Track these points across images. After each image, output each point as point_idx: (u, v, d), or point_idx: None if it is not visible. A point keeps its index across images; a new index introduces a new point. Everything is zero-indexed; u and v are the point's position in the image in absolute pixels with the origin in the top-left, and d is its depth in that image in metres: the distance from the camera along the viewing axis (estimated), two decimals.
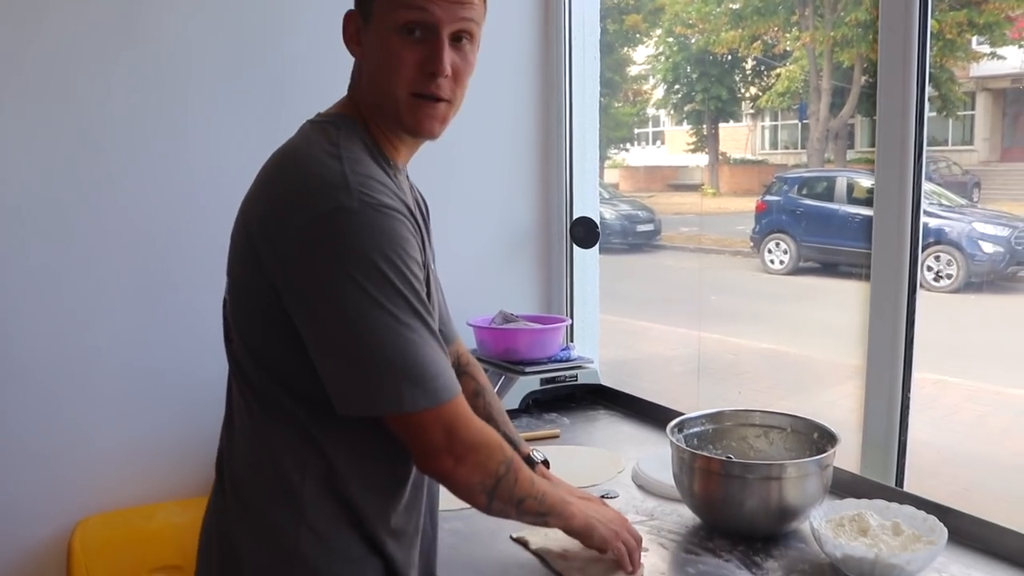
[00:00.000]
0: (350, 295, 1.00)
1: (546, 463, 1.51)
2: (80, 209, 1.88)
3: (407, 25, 1.09)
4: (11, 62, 1.80)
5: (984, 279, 4.11)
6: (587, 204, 2.44)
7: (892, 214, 1.66)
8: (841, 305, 4.47)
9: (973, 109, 5.29)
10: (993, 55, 5.12)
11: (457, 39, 1.12)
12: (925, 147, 1.66)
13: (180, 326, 1.98)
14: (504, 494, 1.13)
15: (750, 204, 6.87)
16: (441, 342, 1.09)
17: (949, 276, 4.05)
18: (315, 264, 1.01)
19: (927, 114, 1.66)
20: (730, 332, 4.18)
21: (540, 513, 1.19)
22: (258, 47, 2.04)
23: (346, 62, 2.05)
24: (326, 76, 2.08)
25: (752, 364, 4.20)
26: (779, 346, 4.34)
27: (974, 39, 4.97)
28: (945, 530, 1.28)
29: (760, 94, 7.51)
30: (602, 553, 1.28)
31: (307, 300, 1.03)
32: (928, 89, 1.65)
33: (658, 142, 9.30)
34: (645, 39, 7.91)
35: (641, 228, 6.69)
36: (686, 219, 7.85)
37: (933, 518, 1.32)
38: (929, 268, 3.98)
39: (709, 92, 8.02)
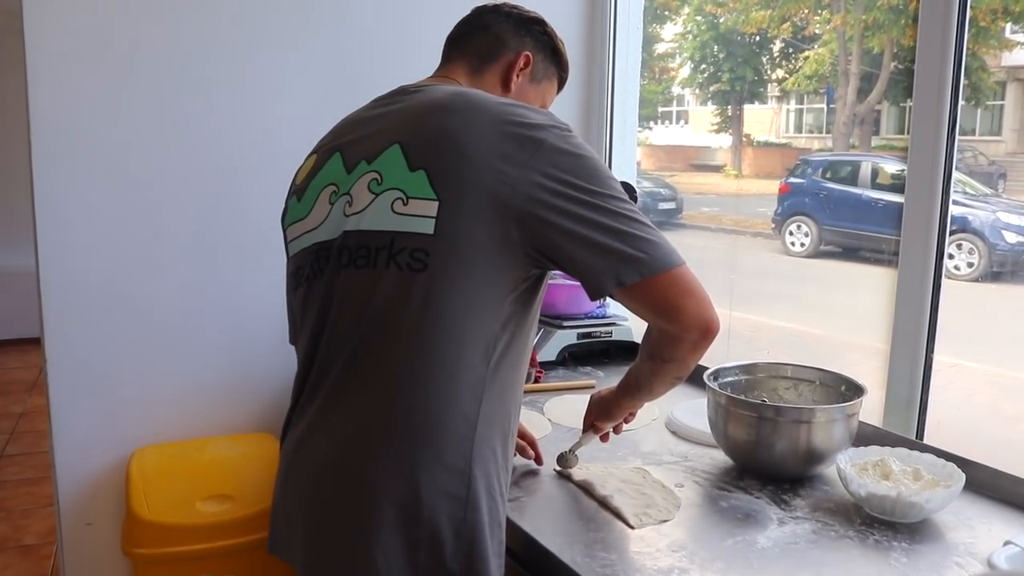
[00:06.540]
0: (610, 187, 1.15)
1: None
2: (148, 164, 1.98)
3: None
4: (90, 21, 1.90)
5: (1006, 269, 4.11)
6: (626, 170, 2.49)
7: (922, 201, 1.70)
8: (862, 289, 4.49)
9: (1003, 99, 5.25)
10: None
11: None
12: (957, 136, 1.70)
13: (234, 281, 2.07)
14: None
15: (771, 186, 6.85)
16: None
17: (971, 264, 4.04)
18: (572, 167, 1.14)
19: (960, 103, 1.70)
20: (750, 310, 4.23)
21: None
22: (325, 8, 2.13)
23: (405, 25, 2.11)
24: (380, 39, 2.16)
25: (770, 341, 4.25)
26: (799, 325, 4.38)
27: (1008, 27, 4.92)
28: (963, 475, 1.33)
29: (787, 76, 7.46)
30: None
31: (570, 198, 1.12)
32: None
33: (682, 121, 9.26)
34: (674, 17, 7.86)
35: (663, 206, 6.69)
36: (707, 199, 7.84)
37: (952, 465, 1.37)
38: (951, 256, 3.97)
39: (735, 73, 7.97)
